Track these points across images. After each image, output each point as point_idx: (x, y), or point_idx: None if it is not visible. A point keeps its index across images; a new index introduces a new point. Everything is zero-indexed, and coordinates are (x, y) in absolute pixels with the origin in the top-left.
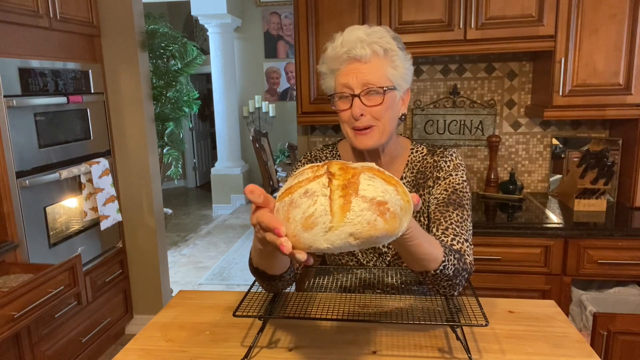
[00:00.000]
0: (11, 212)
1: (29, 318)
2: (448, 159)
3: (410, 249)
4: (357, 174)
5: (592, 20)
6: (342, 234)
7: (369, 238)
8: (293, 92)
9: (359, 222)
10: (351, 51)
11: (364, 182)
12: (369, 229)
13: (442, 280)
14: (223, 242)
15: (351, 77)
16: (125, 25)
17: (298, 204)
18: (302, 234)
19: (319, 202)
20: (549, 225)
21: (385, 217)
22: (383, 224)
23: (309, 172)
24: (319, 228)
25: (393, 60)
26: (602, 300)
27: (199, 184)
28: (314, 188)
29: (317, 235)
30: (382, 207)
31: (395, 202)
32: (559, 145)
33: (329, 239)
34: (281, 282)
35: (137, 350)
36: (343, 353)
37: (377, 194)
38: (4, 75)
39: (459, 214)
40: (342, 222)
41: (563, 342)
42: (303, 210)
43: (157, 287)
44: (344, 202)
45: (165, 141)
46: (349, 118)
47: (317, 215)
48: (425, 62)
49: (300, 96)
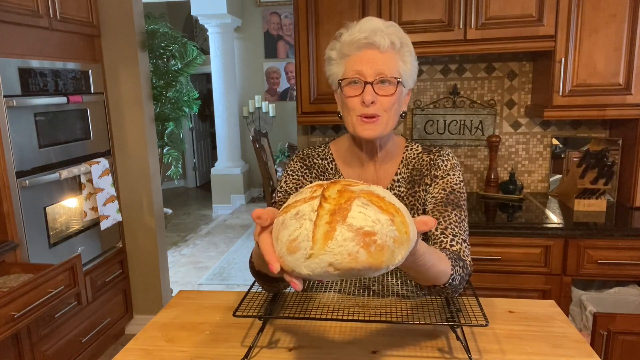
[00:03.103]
0: (11, 212)
1: (29, 318)
2: (445, 158)
3: (422, 272)
4: (352, 199)
5: (592, 20)
6: (321, 262)
7: (350, 270)
8: (293, 92)
9: (339, 253)
10: (370, 37)
11: (356, 209)
12: (349, 261)
13: (448, 290)
14: (223, 242)
15: (365, 65)
16: (125, 25)
17: (287, 226)
18: (286, 257)
19: (304, 226)
20: (549, 225)
21: (370, 250)
22: (366, 257)
23: (308, 192)
24: (300, 253)
25: (405, 55)
26: (602, 300)
27: (199, 184)
28: (304, 211)
29: (298, 260)
30: (367, 239)
31: (386, 233)
32: (559, 145)
33: (309, 266)
34: (283, 283)
35: (137, 350)
36: (343, 353)
37: (366, 223)
38: (4, 75)
39: (457, 214)
40: (322, 251)
41: (563, 342)
42: (290, 232)
43: (157, 287)
44: (329, 230)
45: (165, 141)
46: (355, 105)
47: (300, 240)
48: (425, 62)
49: (300, 96)
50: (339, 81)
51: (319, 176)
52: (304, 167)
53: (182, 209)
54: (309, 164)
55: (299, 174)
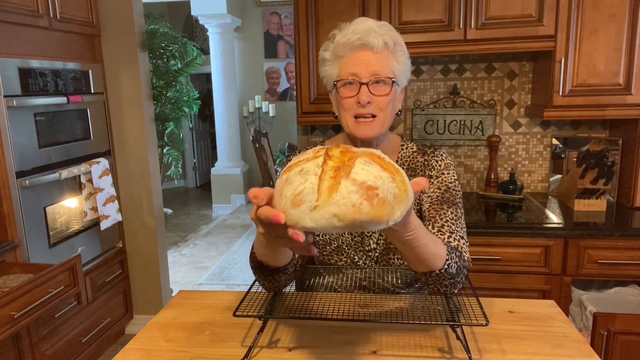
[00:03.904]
0: (11, 212)
1: (29, 318)
2: (439, 158)
3: (415, 250)
4: (354, 158)
5: (592, 20)
6: (326, 213)
7: (353, 221)
8: (293, 92)
9: (344, 204)
10: (364, 38)
11: (359, 166)
12: (353, 212)
13: (445, 279)
14: (223, 242)
15: (360, 66)
16: (125, 25)
17: (292, 182)
18: (290, 210)
19: (309, 180)
20: (549, 225)
21: (373, 202)
22: (369, 209)
23: (310, 153)
24: (305, 206)
25: (398, 55)
26: (602, 300)
27: (199, 184)
28: (309, 167)
29: (303, 212)
30: (370, 192)
31: (387, 189)
32: (559, 145)
33: (313, 218)
34: (284, 275)
35: (137, 350)
36: (343, 353)
37: (368, 178)
38: (4, 75)
39: (453, 211)
40: (327, 202)
41: (563, 342)
42: (294, 187)
43: (157, 287)
44: (333, 183)
45: (165, 141)
46: (352, 105)
47: (305, 193)
48: (425, 62)
49: (300, 96)
50: (335, 82)
51: None
52: None
53: (182, 209)
54: None
55: None
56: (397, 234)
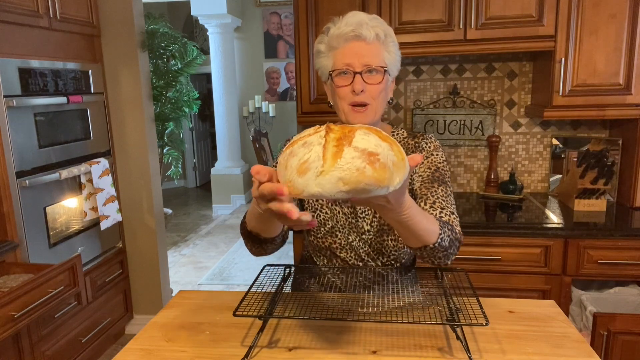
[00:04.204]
0: (11, 212)
1: (29, 318)
2: (428, 141)
3: (410, 227)
4: (354, 130)
5: (592, 20)
6: (332, 178)
7: (357, 184)
8: (293, 92)
9: (348, 169)
10: (357, 30)
11: (359, 136)
12: (357, 175)
13: (439, 252)
14: (223, 242)
15: (354, 56)
16: (125, 25)
17: (296, 153)
18: (296, 179)
19: (314, 150)
20: (549, 225)
21: (375, 166)
22: (372, 172)
23: (311, 130)
24: (311, 172)
25: (389, 45)
26: (602, 300)
27: (199, 184)
28: (312, 139)
29: (309, 179)
30: (372, 157)
31: (387, 155)
32: (559, 145)
33: (320, 183)
34: (271, 245)
35: (137, 350)
36: (343, 353)
37: (369, 145)
38: (4, 75)
39: (443, 189)
40: (332, 168)
41: (563, 342)
42: (299, 157)
43: (157, 287)
44: (337, 151)
45: (165, 141)
46: (346, 94)
47: (310, 161)
48: (425, 62)
49: (300, 96)
50: (330, 73)
51: None
52: None
53: (182, 209)
54: None
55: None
56: (392, 213)
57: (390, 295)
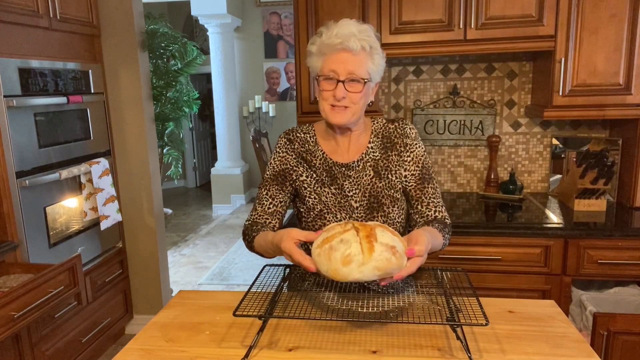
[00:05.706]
0: (11, 212)
1: (29, 318)
2: (410, 127)
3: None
4: (374, 228)
5: (592, 20)
6: (369, 267)
7: (387, 269)
8: (293, 92)
9: (381, 260)
10: (344, 43)
11: (380, 233)
12: (386, 264)
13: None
14: (223, 242)
15: (340, 65)
16: (125, 25)
17: (337, 248)
18: (341, 269)
19: (354, 247)
20: (549, 225)
21: (397, 256)
22: (395, 260)
23: (338, 228)
24: (354, 264)
25: (374, 57)
26: (602, 300)
27: (199, 184)
28: (348, 237)
29: (353, 269)
30: (393, 250)
31: (400, 247)
32: (559, 145)
33: (361, 271)
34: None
35: (137, 350)
36: (343, 353)
37: (389, 241)
38: (4, 75)
39: (432, 187)
40: (369, 259)
41: (563, 342)
42: (342, 252)
43: (157, 287)
44: (369, 246)
45: (165, 141)
46: (329, 97)
47: (352, 255)
48: (425, 62)
49: (300, 96)
50: (317, 76)
51: (300, 147)
52: (288, 141)
53: (182, 209)
54: (292, 137)
55: (283, 149)
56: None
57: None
